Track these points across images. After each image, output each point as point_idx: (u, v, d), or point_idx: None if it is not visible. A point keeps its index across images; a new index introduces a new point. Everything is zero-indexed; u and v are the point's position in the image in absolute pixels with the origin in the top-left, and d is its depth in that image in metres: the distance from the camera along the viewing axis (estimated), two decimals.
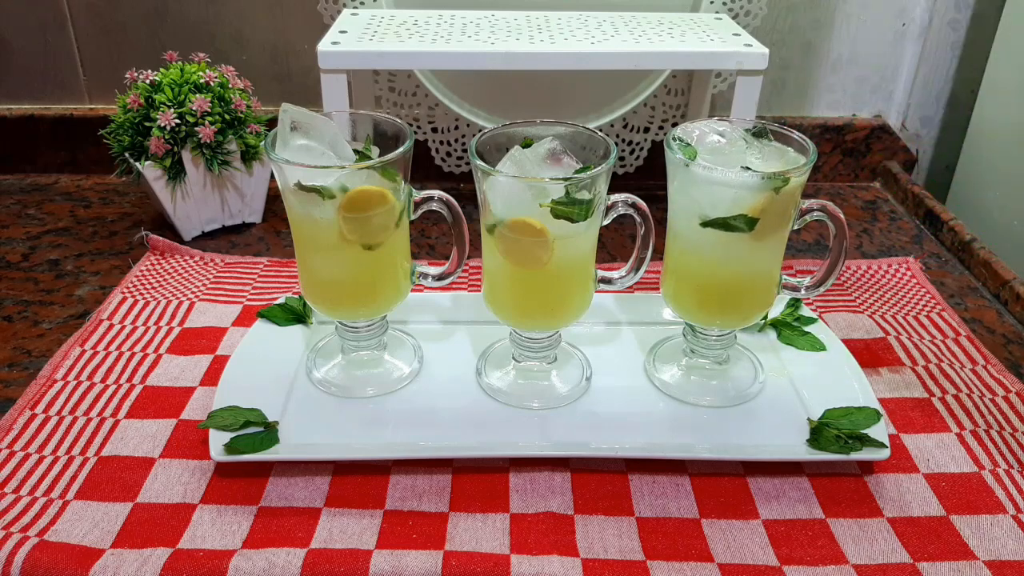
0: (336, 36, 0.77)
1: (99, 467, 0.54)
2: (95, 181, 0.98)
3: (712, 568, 0.48)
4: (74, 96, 0.99)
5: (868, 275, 0.79)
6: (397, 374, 0.62)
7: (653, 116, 0.97)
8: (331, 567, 0.46)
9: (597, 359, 0.64)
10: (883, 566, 0.48)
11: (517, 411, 0.59)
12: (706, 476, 0.54)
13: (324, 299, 0.59)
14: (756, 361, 0.64)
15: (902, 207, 0.96)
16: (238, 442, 0.53)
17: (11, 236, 0.86)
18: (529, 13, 0.87)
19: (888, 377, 0.64)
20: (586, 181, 0.52)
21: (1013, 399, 0.62)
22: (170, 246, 0.80)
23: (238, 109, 0.81)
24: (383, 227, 0.56)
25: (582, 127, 0.57)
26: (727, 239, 0.54)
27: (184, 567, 0.46)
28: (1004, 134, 0.90)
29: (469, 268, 0.77)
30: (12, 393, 0.62)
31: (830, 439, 0.55)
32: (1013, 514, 0.52)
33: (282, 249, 0.84)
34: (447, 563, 0.47)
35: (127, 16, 0.95)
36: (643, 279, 0.60)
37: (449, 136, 0.97)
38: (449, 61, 0.76)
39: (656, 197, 0.65)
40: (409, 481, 0.53)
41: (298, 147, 0.54)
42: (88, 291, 0.76)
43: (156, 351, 0.66)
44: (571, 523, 0.51)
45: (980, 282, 0.80)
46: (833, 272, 0.58)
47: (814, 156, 0.54)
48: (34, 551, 0.47)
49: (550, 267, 0.55)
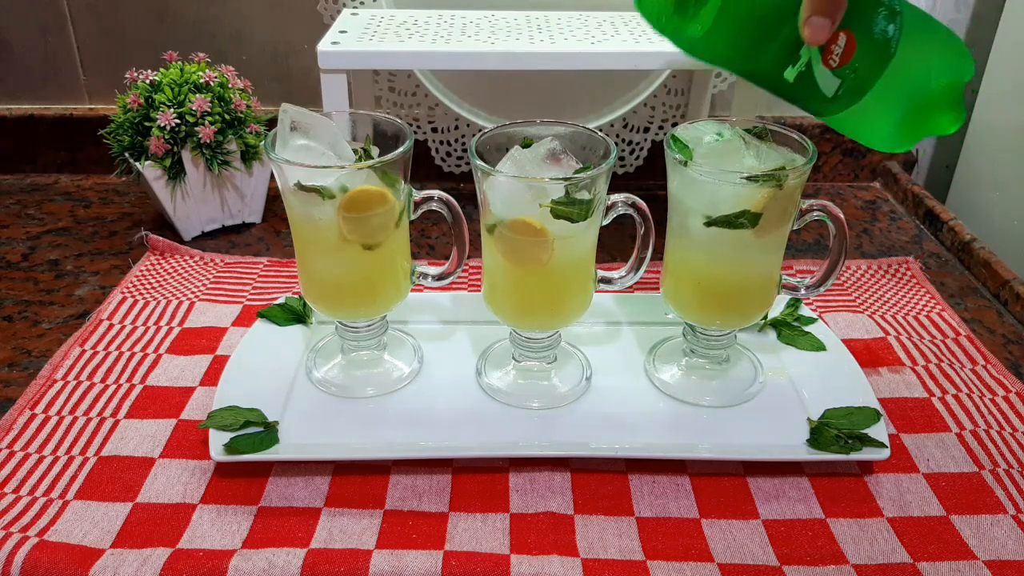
0: (336, 36, 0.77)
1: (99, 467, 0.54)
2: (95, 181, 0.98)
3: (712, 568, 0.48)
4: (74, 96, 0.99)
5: (868, 275, 0.79)
6: (397, 374, 0.62)
7: (653, 116, 0.97)
8: (331, 567, 0.46)
9: (597, 359, 0.64)
10: (883, 566, 0.48)
11: (517, 411, 0.59)
12: (706, 476, 0.54)
13: (324, 299, 0.59)
14: (756, 361, 0.64)
15: (902, 207, 0.96)
16: (238, 442, 0.53)
17: (11, 236, 0.86)
18: (529, 13, 0.87)
19: (888, 377, 0.64)
20: (586, 181, 0.52)
21: (1013, 399, 0.62)
22: (170, 246, 0.80)
23: (238, 109, 0.81)
24: (383, 227, 0.56)
25: (582, 127, 0.57)
26: (727, 239, 0.54)
27: (184, 567, 0.46)
28: (1004, 134, 0.90)
29: (469, 268, 0.77)
30: (12, 393, 0.62)
31: (830, 439, 0.55)
32: (1013, 514, 0.52)
33: (282, 249, 0.84)
34: (447, 563, 0.47)
35: (127, 16, 0.95)
36: (643, 279, 0.60)
37: (449, 136, 0.97)
38: (449, 61, 0.76)
39: (656, 197, 0.64)
40: (409, 481, 0.53)
41: (298, 147, 0.54)
42: (88, 291, 0.76)
43: (156, 351, 0.66)
44: (571, 523, 0.51)
45: (980, 282, 0.80)
46: (833, 272, 0.58)
47: (814, 156, 0.54)
48: (34, 551, 0.47)
49: (550, 267, 0.55)
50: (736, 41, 0.49)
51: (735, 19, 0.48)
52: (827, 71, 0.48)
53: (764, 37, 0.48)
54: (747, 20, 0.48)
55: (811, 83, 0.49)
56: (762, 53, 0.49)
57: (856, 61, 0.48)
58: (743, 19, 0.48)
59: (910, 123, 0.50)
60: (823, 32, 0.46)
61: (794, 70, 0.49)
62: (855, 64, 0.48)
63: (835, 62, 0.48)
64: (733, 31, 0.48)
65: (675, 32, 0.49)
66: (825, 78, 0.49)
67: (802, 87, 0.49)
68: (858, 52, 0.47)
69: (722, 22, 0.48)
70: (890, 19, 0.47)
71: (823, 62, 0.48)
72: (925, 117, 0.49)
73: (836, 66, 0.48)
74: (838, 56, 0.48)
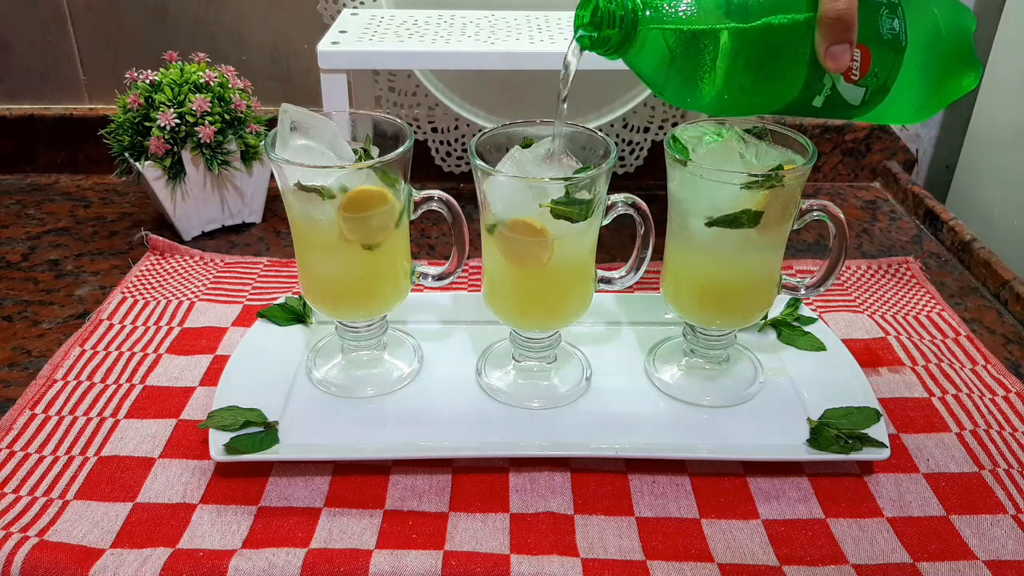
0: (336, 36, 0.77)
1: (99, 467, 0.54)
2: (95, 181, 0.98)
3: (712, 568, 0.48)
4: (74, 96, 0.99)
5: (868, 275, 0.79)
6: (397, 374, 0.62)
7: (653, 116, 0.97)
8: (331, 567, 0.46)
9: (597, 359, 0.64)
10: (883, 566, 0.48)
11: (517, 411, 0.59)
12: (706, 476, 0.54)
13: (324, 299, 0.59)
14: (756, 361, 0.64)
15: (902, 207, 0.96)
16: (238, 442, 0.53)
17: (11, 236, 0.86)
18: (529, 13, 0.87)
19: (888, 377, 0.64)
20: (586, 181, 0.52)
21: (1013, 399, 0.62)
22: (170, 246, 0.80)
23: (238, 109, 0.81)
24: (383, 227, 0.56)
25: (582, 127, 0.57)
26: (727, 239, 0.54)
27: (184, 567, 0.46)
28: (1004, 134, 0.90)
29: (469, 268, 0.77)
30: (12, 393, 0.62)
31: (830, 439, 0.55)
32: (1013, 514, 0.52)
33: (282, 249, 0.84)
34: (447, 563, 0.47)
35: (127, 16, 0.95)
36: (643, 279, 0.60)
37: (449, 136, 0.97)
38: (449, 61, 0.76)
39: (656, 197, 0.64)
40: (409, 481, 0.53)
41: (298, 147, 0.54)
42: (88, 291, 0.76)
43: (156, 351, 0.66)
44: (571, 523, 0.51)
45: (980, 282, 0.80)
46: (833, 272, 0.58)
47: (814, 156, 0.54)
48: (34, 551, 0.47)
49: (550, 267, 0.55)
50: (756, 92, 0.48)
51: (748, 72, 0.47)
52: (850, 86, 0.48)
53: (781, 79, 0.48)
54: (759, 70, 0.47)
55: (839, 101, 0.49)
56: (784, 94, 0.48)
57: (874, 67, 0.48)
58: (756, 69, 0.47)
59: (932, 92, 0.50)
60: (845, 58, 0.46)
61: (821, 98, 0.48)
62: (874, 70, 0.48)
63: (856, 76, 0.48)
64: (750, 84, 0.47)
65: (700, 103, 0.49)
66: (850, 92, 0.49)
67: (831, 107, 0.49)
68: (874, 59, 0.47)
69: (735, 77, 0.47)
70: (893, 14, 0.47)
71: (845, 80, 0.48)
72: (945, 82, 0.49)
73: (857, 79, 0.48)
74: (857, 70, 0.47)
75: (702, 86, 0.47)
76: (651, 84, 0.50)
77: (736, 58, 0.46)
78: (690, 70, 0.47)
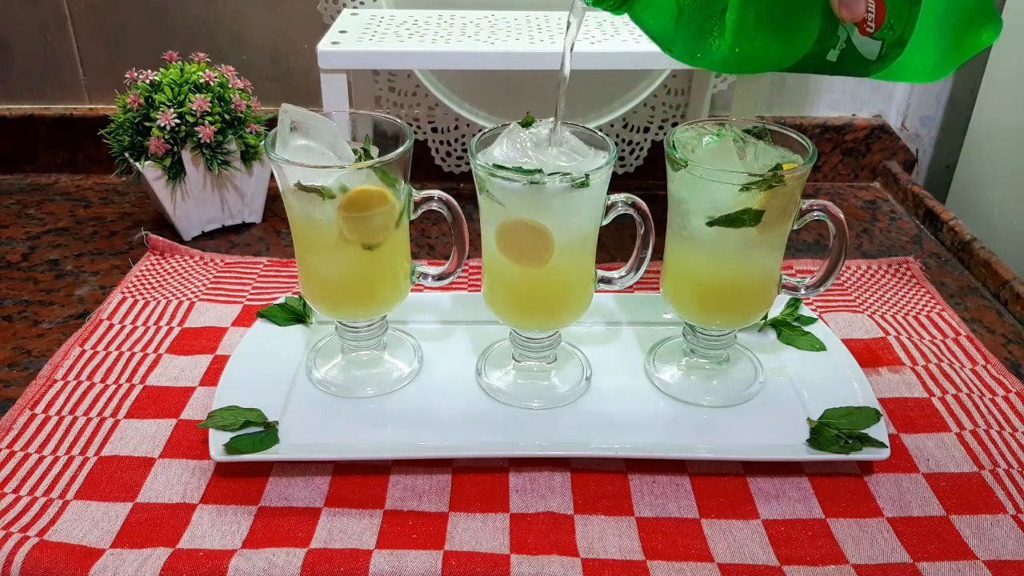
0: (336, 36, 0.77)
1: (99, 467, 0.54)
2: (95, 181, 0.98)
3: (712, 568, 0.48)
4: (74, 96, 0.99)
5: (868, 275, 0.79)
6: (397, 374, 0.62)
7: (653, 116, 0.97)
8: (331, 567, 0.46)
9: (597, 359, 0.64)
10: (883, 566, 0.48)
11: (517, 411, 0.59)
12: (706, 476, 0.54)
13: (324, 299, 0.59)
14: (756, 361, 0.64)
15: (902, 207, 0.96)
16: (238, 442, 0.53)
17: (11, 236, 0.86)
18: (529, 13, 0.87)
19: (888, 377, 0.64)
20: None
21: (1013, 399, 0.62)
22: (170, 246, 0.80)
23: (238, 109, 0.81)
24: (383, 227, 0.56)
25: (582, 127, 0.57)
26: (727, 238, 0.54)
27: (184, 567, 0.46)
28: (1004, 134, 0.90)
29: (469, 268, 0.77)
30: (12, 393, 0.62)
31: (830, 439, 0.55)
32: (1013, 514, 0.52)
33: (282, 249, 0.84)
34: (447, 563, 0.47)
35: (127, 16, 0.95)
36: (643, 279, 0.60)
37: (449, 136, 0.97)
38: (449, 61, 0.76)
39: (656, 197, 0.64)
40: (409, 481, 0.53)
41: (298, 147, 0.54)
42: (88, 291, 0.76)
43: (156, 351, 0.66)
44: (571, 523, 0.51)
45: (980, 282, 0.80)
46: (833, 272, 0.58)
47: (814, 156, 0.54)
48: (34, 551, 0.47)
49: (550, 267, 0.55)
50: (768, 44, 0.47)
51: (760, 23, 0.45)
52: (866, 39, 0.46)
53: (793, 31, 0.46)
54: (771, 22, 0.45)
55: (854, 55, 0.47)
56: (797, 46, 0.47)
57: (890, 18, 0.46)
58: (768, 20, 0.45)
59: (951, 47, 0.48)
60: (860, 6, 0.44)
61: (836, 51, 0.47)
62: (890, 21, 0.46)
63: (871, 28, 0.46)
64: (762, 36, 0.46)
65: (710, 59, 0.47)
66: (866, 45, 0.47)
67: (846, 61, 0.48)
68: (889, 10, 0.46)
69: (746, 30, 0.45)
70: None
71: (860, 32, 0.46)
72: (964, 36, 0.48)
73: (873, 31, 0.46)
74: (873, 22, 0.46)
75: (712, 40, 0.45)
76: (659, 40, 0.48)
77: (746, 9, 0.44)
78: (699, 23, 0.45)
